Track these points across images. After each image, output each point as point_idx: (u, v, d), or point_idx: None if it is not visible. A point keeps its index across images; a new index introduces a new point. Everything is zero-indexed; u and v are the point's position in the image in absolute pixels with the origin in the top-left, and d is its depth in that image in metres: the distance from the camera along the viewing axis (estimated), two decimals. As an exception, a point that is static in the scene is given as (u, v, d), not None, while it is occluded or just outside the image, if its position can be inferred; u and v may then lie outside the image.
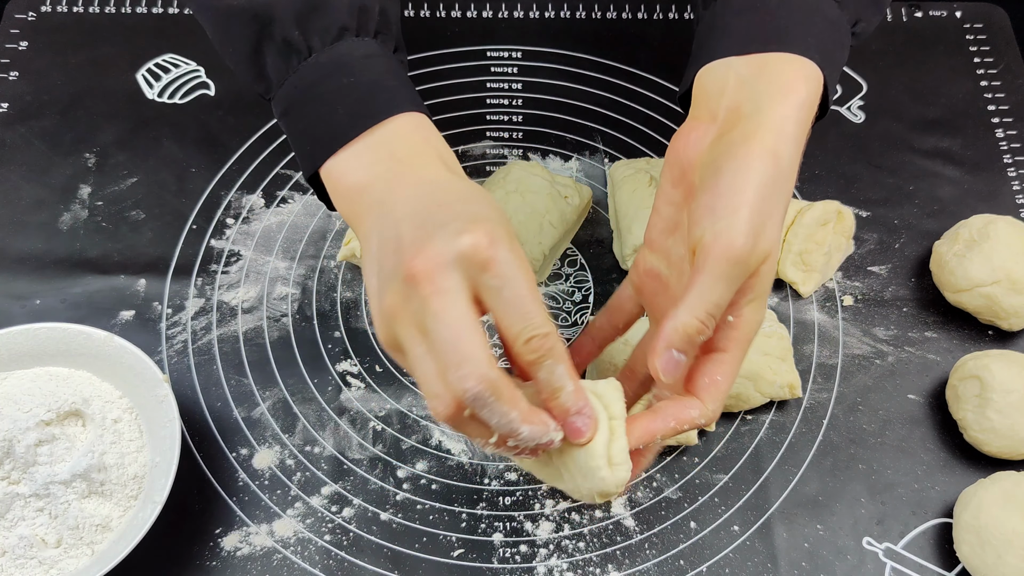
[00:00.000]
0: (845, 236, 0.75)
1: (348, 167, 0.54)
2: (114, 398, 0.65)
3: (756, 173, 0.50)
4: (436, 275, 0.47)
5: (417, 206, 0.50)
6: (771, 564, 0.64)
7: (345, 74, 0.56)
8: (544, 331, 0.47)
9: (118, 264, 0.76)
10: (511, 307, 0.47)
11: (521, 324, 0.47)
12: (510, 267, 0.47)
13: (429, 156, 0.54)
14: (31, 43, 0.87)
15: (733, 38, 0.55)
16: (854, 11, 0.58)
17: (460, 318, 0.46)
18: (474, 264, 0.47)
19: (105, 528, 0.62)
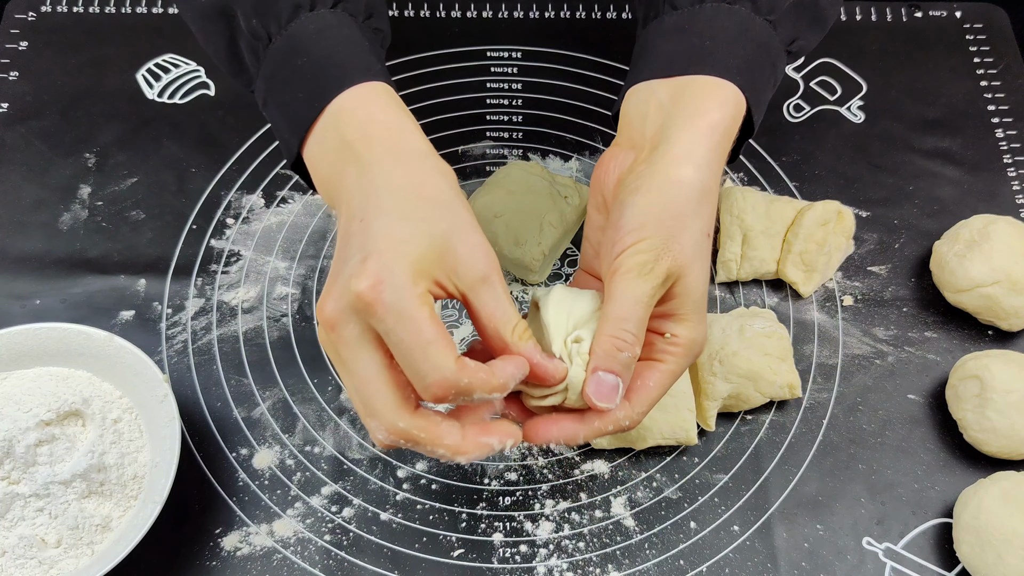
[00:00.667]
0: (845, 236, 0.75)
1: (313, 157, 0.54)
2: (114, 398, 0.65)
3: (657, 200, 0.51)
4: (339, 324, 0.47)
5: (344, 225, 0.50)
6: (771, 564, 0.64)
7: (300, 54, 0.54)
8: (435, 378, 0.46)
9: (118, 264, 0.76)
10: (401, 353, 0.46)
11: (412, 374, 0.46)
12: (393, 311, 0.45)
13: (375, 138, 0.52)
14: (31, 43, 0.87)
15: (658, 60, 0.56)
16: (791, 31, 0.59)
17: (364, 369, 0.47)
18: (362, 309, 0.46)
19: (105, 528, 0.62)
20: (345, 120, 0.53)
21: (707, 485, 0.67)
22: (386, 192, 0.49)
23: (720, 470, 0.68)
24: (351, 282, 0.46)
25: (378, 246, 0.47)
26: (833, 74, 0.86)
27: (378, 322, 0.46)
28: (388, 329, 0.46)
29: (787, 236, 0.74)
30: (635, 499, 0.67)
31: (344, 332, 0.47)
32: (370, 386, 0.47)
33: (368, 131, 0.52)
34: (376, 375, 0.47)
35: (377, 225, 0.48)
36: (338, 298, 0.47)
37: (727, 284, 0.76)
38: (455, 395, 0.47)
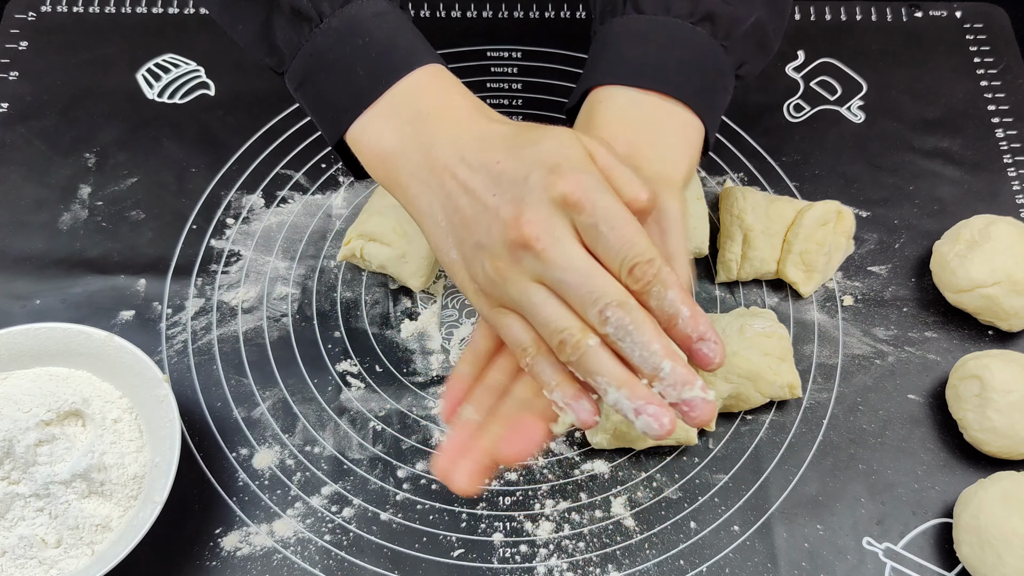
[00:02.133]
0: (845, 236, 0.75)
1: (376, 131, 0.54)
2: (114, 398, 0.65)
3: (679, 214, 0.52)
4: (544, 232, 0.47)
5: (476, 163, 0.50)
6: (771, 564, 0.64)
7: (359, 35, 0.56)
8: (647, 257, 0.46)
9: (118, 264, 0.76)
10: (611, 240, 0.47)
11: (623, 254, 0.46)
12: (602, 203, 0.47)
13: (457, 106, 0.54)
14: (31, 43, 0.87)
15: (623, 67, 0.57)
16: (740, 55, 0.60)
17: (583, 258, 0.47)
18: (569, 209, 0.47)
19: (105, 528, 0.62)
20: (422, 96, 0.54)
21: (707, 485, 0.67)
22: (499, 134, 0.51)
23: (720, 470, 0.68)
24: (551, 191, 0.47)
25: (553, 158, 0.48)
26: (833, 74, 0.86)
27: (588, 216, 0.47)
28: (597, 221, 0.47)
29: (787, 236, 0.74)
30: (635, 499, 0.67)
31: (555, 234, 0.47)
32: (594, 270, 0.47)
33: (448, 101, 0.54)
34: (594, 262, 0.47)
35: (526, 153, 0.49)
36: (537, 209, 0.47)
37: (727, 284, 0.76)
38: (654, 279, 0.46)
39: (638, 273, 0.46)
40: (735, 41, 0.59)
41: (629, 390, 0.46)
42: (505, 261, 0.48)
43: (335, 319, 0.74)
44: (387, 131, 0.54)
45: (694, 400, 0.46)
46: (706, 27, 0.58)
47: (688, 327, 0.47)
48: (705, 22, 0.58)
